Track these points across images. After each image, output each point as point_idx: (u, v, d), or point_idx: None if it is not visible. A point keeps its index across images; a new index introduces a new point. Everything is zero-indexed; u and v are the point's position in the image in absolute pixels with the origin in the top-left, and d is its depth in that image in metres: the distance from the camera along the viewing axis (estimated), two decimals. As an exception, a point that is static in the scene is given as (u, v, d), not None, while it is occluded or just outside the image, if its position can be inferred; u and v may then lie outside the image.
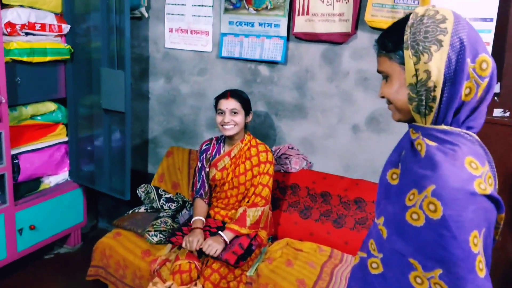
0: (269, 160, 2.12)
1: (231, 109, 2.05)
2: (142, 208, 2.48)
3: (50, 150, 2.62)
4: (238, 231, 2.02)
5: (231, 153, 2.14)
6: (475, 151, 0.85)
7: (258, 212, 2.06)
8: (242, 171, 2.12)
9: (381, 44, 0.92)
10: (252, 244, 2.01)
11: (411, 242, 0.83)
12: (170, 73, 2.74)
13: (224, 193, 2.16)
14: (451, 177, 0.80)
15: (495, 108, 2.19)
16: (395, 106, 0.93)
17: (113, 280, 2.20)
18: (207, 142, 2.24)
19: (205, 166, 2.19)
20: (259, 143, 2.18)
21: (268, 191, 2.10)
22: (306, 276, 1.94)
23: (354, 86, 2.30)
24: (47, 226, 2.58)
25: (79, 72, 2.60)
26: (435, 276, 0.80)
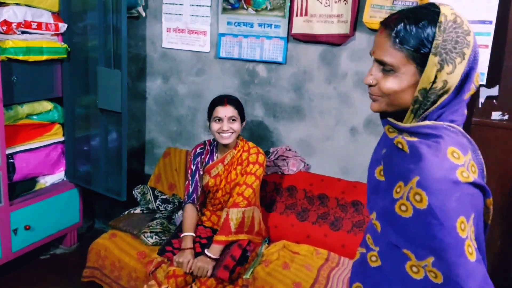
0: (259, 161, 2.05)
1: (229, 116, 1.98)
2: (138, 209, 2.46)
3: (46, 150, 2.60)
4: (225, 241, 1.94)
5: (224, 161, 2.09)
6: (458, 141, 0.86)
7: (239, 213, 1.97)
8: (233, 177, 2.07)
9: (401, 37, 0.84)
10: (247, 250, 1.99)
11: (403, 233, 0.85)
12: (168, 73, 2.72)
13: (218, 200, 2.12)
14: (434, 167, 0.81)
15: (494, 111, 2.17)
16: (389, 100, 0.90)
17: (108, 282, 2.18)
18: (201, 146, 2.16)
19: (199, 169, 2.11)
20: (252, 146, 2.11)
21: (251, 192, 2.00)
22: (302, 279, 1.92)
23: (352, 88, 2.29)
24: (43, 226, 2.56)
25: (75, 71, 2.58)
26: (428, 264, 0.82)
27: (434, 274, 0.82)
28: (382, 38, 0.87)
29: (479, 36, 1.94)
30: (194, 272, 1.86)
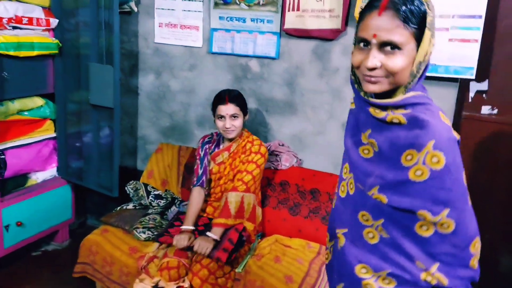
0: (261, 152, 2.15)
1: (231, 114, 2.07)
2: (131, 204, 2.46)
3: (38, 146, 2.59)
4: (225, 224, 2.01)
5: (230, 149, 2.18)
6: (437, 107, 0.96)
7: (238, 197, 2.04)
8: (237, 164, 2.16)
9: (408, 16, 0.89)
10: (242, 235, 2.01)
11: (419, 196, 0.92)
12: (160, 69, 2.72)
13: (219, 187, 2.19)
14: (441, 130, 0.90)
15: (483, 105, 2.19)
16: (393, 79, 0.93)
17: (99, 277, 2.17)
18: (209, 136, 2.27)
19: (208, 157, 2.21)
20: (255, 139, 2.21)
21: (250, 178, 2.07)
22: (294, 272, 1.93)
23: (344, 82, 2.30)
24: (35, 222, 2.55)
25: (67, 67, 2.57)
26: (442, 217, 0.92)
27: (447, 225, 0.93)
28: (388, 19, 0.89)
29: (469, 30, 1.96)
30: (194, 248, 1.91)
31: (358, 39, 0.94)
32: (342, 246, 1.07)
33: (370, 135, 0.97)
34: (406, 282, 0.99)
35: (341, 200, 1.09)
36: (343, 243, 1.07)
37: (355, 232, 1.04)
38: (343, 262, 1.07)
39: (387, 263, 1.00)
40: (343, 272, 1.08)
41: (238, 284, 1.93)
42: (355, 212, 1.04)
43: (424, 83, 1.02)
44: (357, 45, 0.95)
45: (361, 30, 0.93)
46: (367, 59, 0.91)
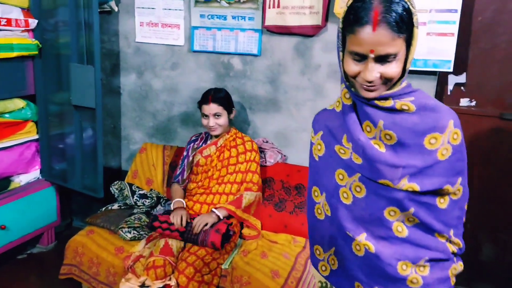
0: (254, 148, 2.27)
1: (213, 113, 2.17)
2: (116, 205, 2.45)
3: (20, 148, 2.56)
4: (233, 211, 2.11)
5: (217, 143, 2.27)
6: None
7: (252, 196, 2.18)
8: (226, 156, 2.24)
9: (399, 25, 0.89)
10: (229, 230, 2.03)
11: (444, 173, 0.98)
12: (142, 68, 2.70)
13: (208, 180, 2.24)
14: (449, 108, 0.98)
15: (462, 98, 2.24)
16: (390, 83, 0.96)
17: (86, 278, 2.17)
18: (197, 135, 2.38)
19: (189, 156, 2.33)
20: (244, 135, 2.32)
21: (258, 178, 2.23)
22: (280, 267, 1.95)
23: (326, 78, 2.32)
24: (19, 225, 2.53)
25: (48, 68, 2.55)
26: (457, 185, 1.00)
27: (459, 191, 1.01)
28: (382, 34, 0.89)
29: (445, 24, 1.99)
30: (194, 222, 2.01)
31: (352, 52, 0.93)
32: (373, 250, 1.02)
33: (385, 126, 0.97)
34: (439, 261, 1.03)
35: (348, 207, 1.04)
36: (373, 247, 1.02)
37: (383, 232, 1.01)
38: (380, 267, 1.03)
39: (422, 250, 1.01)
40: (381, 275, 1.03)
41: (225, 280, 1.94)
42: (379, 210, 1.01)
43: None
44: (350, 56, 0.94)
45: (354, 45, 0.92)
46: (365, 72, 0.92)
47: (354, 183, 1.03)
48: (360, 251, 1.04)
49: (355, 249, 1.05)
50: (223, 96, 2.21)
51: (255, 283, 1.87)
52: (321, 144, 1.12)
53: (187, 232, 1.99)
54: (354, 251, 1.05)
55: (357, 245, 1.04)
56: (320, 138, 1.12)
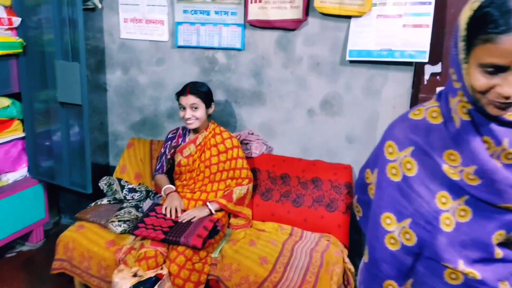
0: (235, 145, 2.28)
1: (190, 104, 2.16)
2: (105, 199, 2.48)
3: (6, 147, 2.57)
4: (225, 205, 2.18)
5: (196, 141, 2.26)
6: None
7: (243, 190, 2.25)
8: (207, 157, 2.24)
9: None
10: (216, 226, 2.08)
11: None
12: (127, 64, 2.73)
13: (192, 180, 2.27)
14: None
15: (437, 86, 2.34)
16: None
17: (78, 272, 2.19)
18: (174, 131, 2.37)
19: (167, 154, 2.35)
20: (223, 130, 2.31)
21: (246, 172, 2.28)
22: (268, 253, 2.02)
23: (308, 71, 2.39)
24: (7, 223, 2.54)
25: (32, 65, 2.55)
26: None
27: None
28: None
29: (420, 16, 2.08)
30: (183, 214, 2.09)
31: (486, 64, 0.81)
32: (478, 277, 0.93)
33: (510, 144, 0.88)
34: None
35: (448, 235, 0.93)
36: (479, 274, 0.93)
37: (481, 255, 0.93)
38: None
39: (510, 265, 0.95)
40: None
41: (215, 268, 2.00)
42: (486, 235, 0.91)
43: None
44: (481, 68, 0.82)
45: (492, 56, 0.79)
46: (505, 87, 0.80)
47: (459, 207, 0.92)
48: (456, 280, 0.94)
49: (449, 278, 0.94)
50: (201, 89, 2.20)
51: (245, 269, 1.93)
52: (411, 162, 0.97)
53: (170, 233, 1.97)
54: (448, 280, 0.94)
55: (452, 273, 0.93)
56: (410, 155, 0.97)
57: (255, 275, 1.90)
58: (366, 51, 2.20)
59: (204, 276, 1.94)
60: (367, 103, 2.31)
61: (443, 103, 0.96)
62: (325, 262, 1.97)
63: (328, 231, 2.24)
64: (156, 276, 1.84)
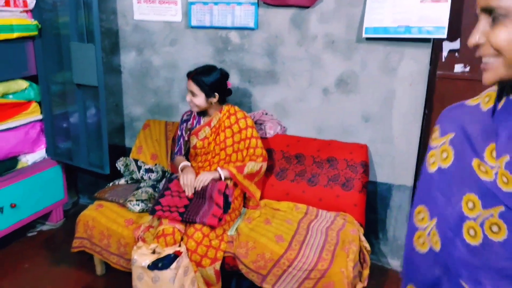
0: (249, 125, 2.26)
1: (190, 90, 2.17)
2: (122, 180, 2.52)
3: (25, 128, 2.62)
4: (234, 175, 2.17)
5: (211, 123, 2.25)
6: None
7: (256, 166, 2.23)
8: (222, 139, 2.23)
9: None
10: (227, 196, 2.09)
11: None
12: (141, 45, 2.73)
13: (208, 162, 2.28)
14: None
15: (456, 63, 2.29)
16: (506, 60, 0.66)
17: (98, 250, 2.25)
18: (188, 113, 2.35)
19: (184, 135, 2.35)
20: (238, 110, 2.28)
21: (260, 151, 2.26)
22: (284, 232, 2.04)
23: (322, 49, 2.36)
24: (28, 204, 2.60)
25: (48, 48, 2.58)
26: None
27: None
28: None
29: (439, -9, 2.03)
30: (196, 180, 2.11)
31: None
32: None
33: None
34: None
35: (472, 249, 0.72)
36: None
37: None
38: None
39: None
40: None
41: (231, 245, 2.03)
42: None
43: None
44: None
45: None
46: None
47: (490, 219, 0.69)
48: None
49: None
50: (205, 78, 2.13)
51: (260, 247, 1.95)
52: (448, 150, 0.79)
53: (186, 214, 2.01)
54: None
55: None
56: (449, 143, 0.80)
57: (271, 253, 1.92)
58: (383, 28, 2.16)
59: (220, 253, 1.97)
60: (383, 81, 2.28)
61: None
62: (341, 240, 1.98)
63: (344, 210, 2.25)
64: (174, 253, 1.88)
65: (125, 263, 2.16)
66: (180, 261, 1.85)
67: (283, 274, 1.89)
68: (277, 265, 1.90)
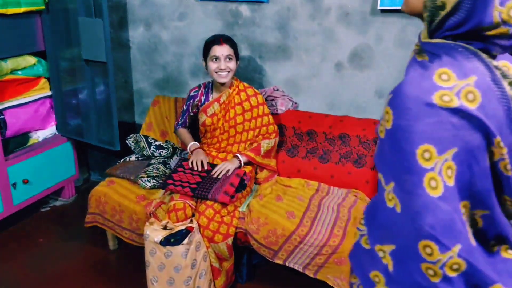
0: (260, 102, 2.23)
1: (226, 55, 2.08)
2: (133, 156, 2.52)
3: (35, 105, 2.61)
4: (253, 158, 2.18)
5: (220, 100, 2.21)
6: (460, 64, 0.75)
7: (271, 143, 2.25)
8: (232, 116, 2.20)
9: None
10: (243, 179, 2.09)
11: (379, 155, 0.82)
12: (149, 20, 2.68)
13: (216, 138, 2.26)
14: (410, 86, 0.75)
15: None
16: (408, 4, 0.84)
17: (110, 225, 2.27)
18: (196, 89, 2.30)
19: (189, 111, 2.32)
20: (247, 87, 2.24)
21: (273, 127, 2.26)
22: (295, 208, 2.03)
23: (336, 23, 2.30)
24: (40, 179, 2.62)
25: (56, 23, 2.54)
26: (390, 190, 0.78)
27: (395, 202, 0.77)
28: None
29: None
30: (217, 167, 2.09)
31: None
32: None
33: None
34: None
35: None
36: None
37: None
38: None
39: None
40: None
41: (243, 222, 2.03)
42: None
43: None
44: None
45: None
46: None
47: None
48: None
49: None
50: (232, 40, 2.15)
51: (272, 223, 1.95)
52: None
53: (198, 189, 1.99)
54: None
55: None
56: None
57: (282, 229, 1.92)
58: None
59: (232, 228, 1.97)
60: (399, 55, 2.22)
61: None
62: (353, 217, 1.97)
63: (356, 187, 2.23)
64: (186, 228, 1.88)
65: (137, 238, 2.18)
66: (192, 237, 1.85)
67: (294, 249, 1.89)
68: (288, 241, 1.90)
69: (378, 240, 0.86)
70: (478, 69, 0.74)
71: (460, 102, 0.71)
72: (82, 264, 2.32)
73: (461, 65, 0.74)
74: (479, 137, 0.73)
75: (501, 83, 0.74)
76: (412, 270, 0.76)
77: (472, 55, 0.75)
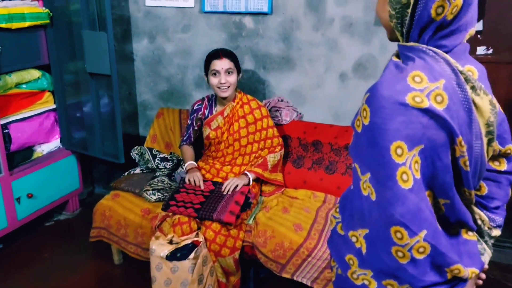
0: (264, 115, 2.22)
1: (226, 69, 2.08)
2: (138, 169, 2.51)
3: (39, 118, 2.61)
4: (261, 174, 2.17)
5: (223, 113, 2.19)
6: (431, 67, 0.83)
7: (277, 157, 2.24)
8: (236, 129, 2.19)
9: None
10: (248, 197, 2.07)
11: (354, 147, 0.91)
12: (153, 32, 2.69)
13: (221, 152, 2.24)
14: (385, 86, 0.83)
15: (478, 46, 2.21)
16: (382, 23, 0.95)
17: (115, 240, 2.25)
18: (199, 102, 2.28)
19: (194, 125, 2.30)
20: (251, 99, 2.23)
21: (277, 140, 2.26)
22: (302, 220, 2.01)
23: (340, 33, 2.30)
24: (44, 193, 2.61)
25: (60, 36, 2.54)
26: (366, 180, 0.88)
27: (370, 190, 0.86)
28: None
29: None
30: (226, 183, 2.09)
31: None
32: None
33: None
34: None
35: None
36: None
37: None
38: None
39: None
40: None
41: (250, 235, 2.01)
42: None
43: None
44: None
45: None
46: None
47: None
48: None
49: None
50: (233, 53, 2.15)
51: (279, 236, 1.93)
52: None
53: (202, 210, 1.95)
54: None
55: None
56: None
57: (289, 242, 1.90)
58: (403, 9, 2.09)
59: (239, 242, 1.95)
60: (403, 65, 2.21)
61: None
62: (361, 228, 1.95)
63: (362, 198, 2.21)
64: (192, 242, 1.86)
65: (143, 252, 2.16)
66: (199, 251, 1.83)
67: (302, 263, 1.87)
68: (296, 254, 1.88)
69: (351, 226, 0.99)
70: (446, 72, 0.83)
71: (430, 103, 0.80)
72: (87, 279, 2.29)
73: (431, 68, 0.83)
74: (444, 136, 0.82)
75: (464, 87, 0.83)
76: (384, 252, 0.87)
77: (442, 60, 0.84)
